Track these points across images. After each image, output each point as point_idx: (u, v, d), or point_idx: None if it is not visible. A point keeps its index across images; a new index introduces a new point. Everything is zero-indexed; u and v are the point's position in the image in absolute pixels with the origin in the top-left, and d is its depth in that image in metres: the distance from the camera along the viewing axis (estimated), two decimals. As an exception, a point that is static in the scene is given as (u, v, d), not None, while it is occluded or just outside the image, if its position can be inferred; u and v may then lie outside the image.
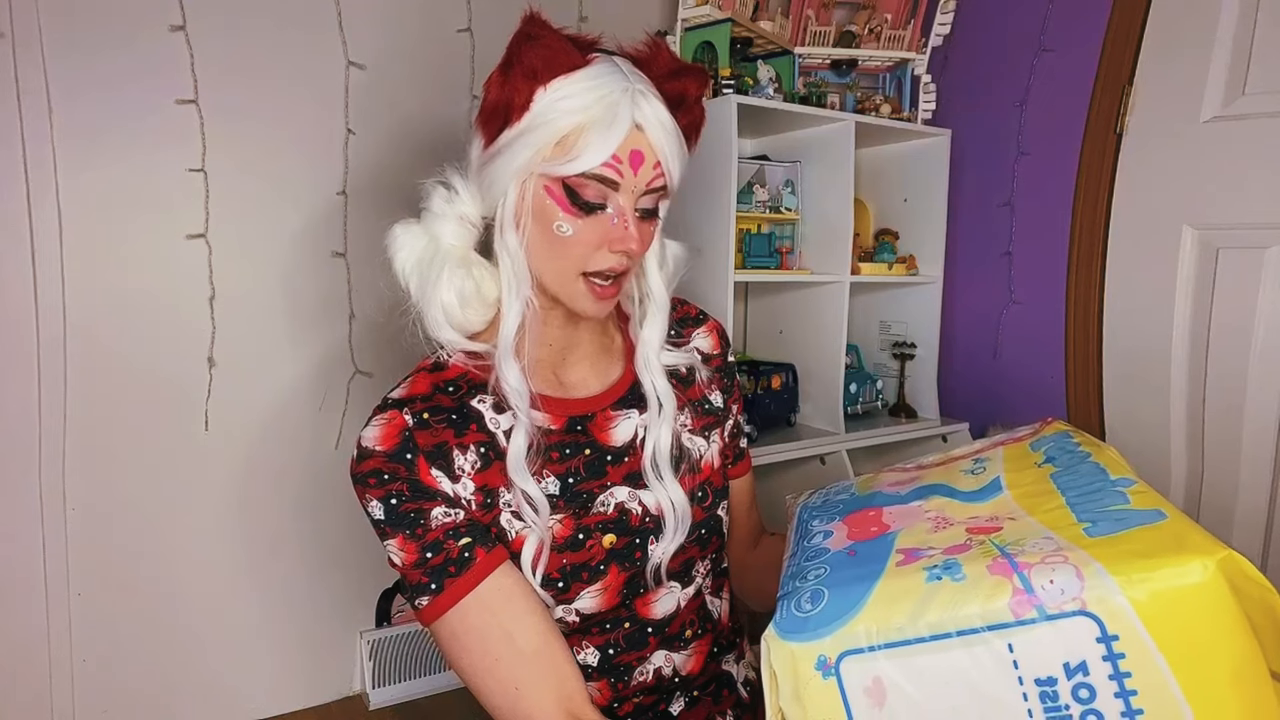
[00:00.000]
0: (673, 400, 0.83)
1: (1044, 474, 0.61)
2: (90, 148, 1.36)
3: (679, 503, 0.80)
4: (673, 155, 0.73)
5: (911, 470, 0.73)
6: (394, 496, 0.71)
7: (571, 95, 0.69)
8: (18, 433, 1.36)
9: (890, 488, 0.68)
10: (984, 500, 0.59)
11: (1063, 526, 0.51)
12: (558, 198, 0.72)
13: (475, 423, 0.76)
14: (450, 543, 0.71)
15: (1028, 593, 0.46)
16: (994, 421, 1.84)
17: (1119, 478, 0.57)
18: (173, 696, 1.51)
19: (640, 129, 0.71)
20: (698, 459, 0.85)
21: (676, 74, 0.75)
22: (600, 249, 0.73)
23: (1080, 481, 0.57)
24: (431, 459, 0.73)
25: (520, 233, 0.74)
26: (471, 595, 0.71)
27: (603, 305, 0.76)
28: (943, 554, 0.52)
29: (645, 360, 0.83)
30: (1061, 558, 0.47)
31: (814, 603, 0.52)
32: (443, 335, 0.77)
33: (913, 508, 0.62)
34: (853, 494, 0.71)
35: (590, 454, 0.79)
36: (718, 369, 0.92)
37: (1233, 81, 1.51)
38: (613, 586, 0.77)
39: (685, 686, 0.83)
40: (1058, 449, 0.64)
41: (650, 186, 0.73)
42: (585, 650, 0.79)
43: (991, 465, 0.65)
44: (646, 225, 0.75)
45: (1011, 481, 0.61)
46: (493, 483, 0.74)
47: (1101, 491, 0.55)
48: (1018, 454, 0.66)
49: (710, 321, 0.94)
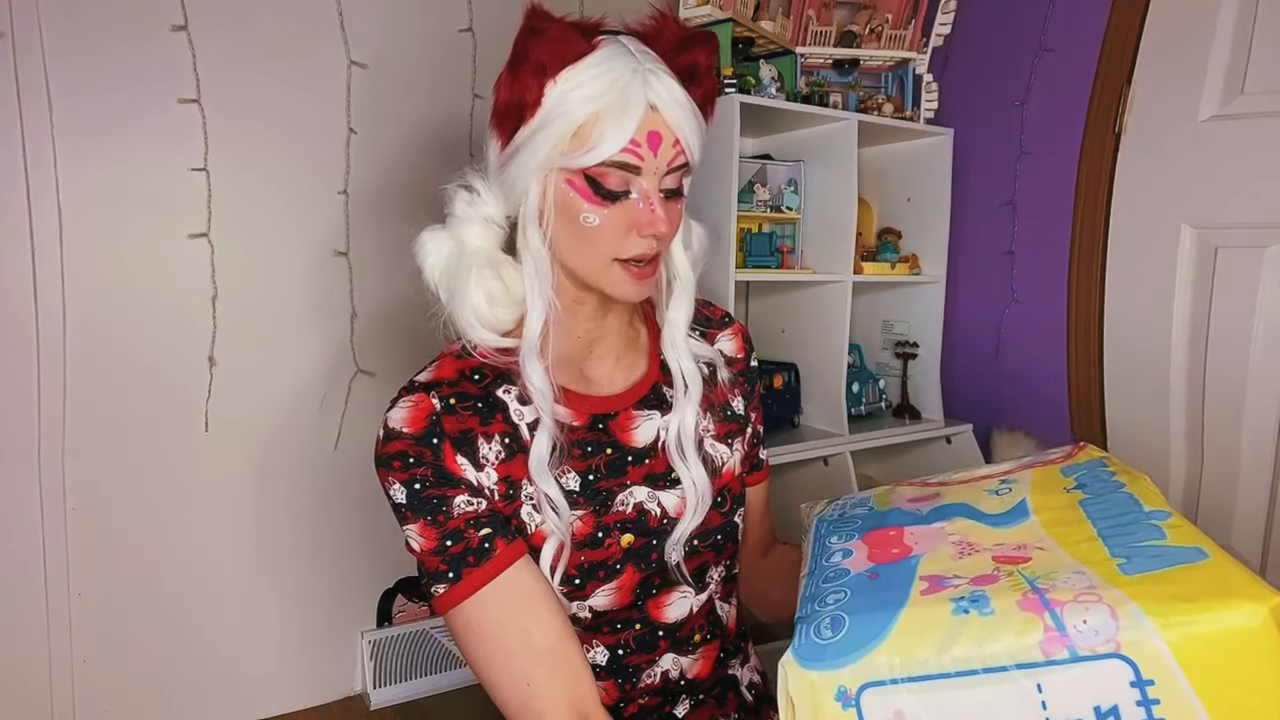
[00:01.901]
0: (699, 382, 0.82)
1: (1073, 500, 0.59)
2: (91, 147, 1.36)
3: (700, 482, 0.79)
4: (691, 131, 0.72)
5: (933, 485, 0.71)
6: (418, 481, 0.71)
7: (582, 84, 0.68)
8: (18, 432, 1.35)
9: (910, 504, 0.67)
10: (1010, 525, 0.58)
11: (1096, 561, 0.50)
12: (580, 189, 0.71)
13: (500, 412, 0.75)
14: (471, 532, 0.71)
15: (1060, 632, 0.45)
16: (998, 422, 1.84)
17: (1153, 509, 0.54)
18: (173, 696, 1.51)
19: (655, 109, 0.69)
20: (719, 465, 0.84)
21: (685, 44, 0.74)
22: (630, 235, 0.73)
23: (1112, 511, 0.56)
24: (457, 445, 0.72)
25: (543, 229, 0.74)
26: (489, 587, 0.70)
27: (641, 288, 0.76)
28: (969, 584, 0.51)
29: (671, 340, 0.82)
30: (1095, 596, 0.46)
31: (834, 630, 0.51)
32: (476, 335, 0.76)
33: (935, 529, 0.60)
34: (870, 509, 0.69)
35: (612, 453, 0.79)
36: (740, 373, 0.91)
37: (1231, 81, 1.52)
38: (627, 585, 0.77)
39: (691, 690, 0.83)
40: (1090, 475, 0.62)
41: (672, 165, 0.72)
42: (595, 649, 0.79)
43: (1018, 487, 0.63)
44: (673, 205, 0.75)
45: (1038, 505, 0.59)
46: (515, 474, 0.74)
47: (1135, 524, 0.53)
48: (1047, 478, 0.64)
49: (735, 325, 0.93)
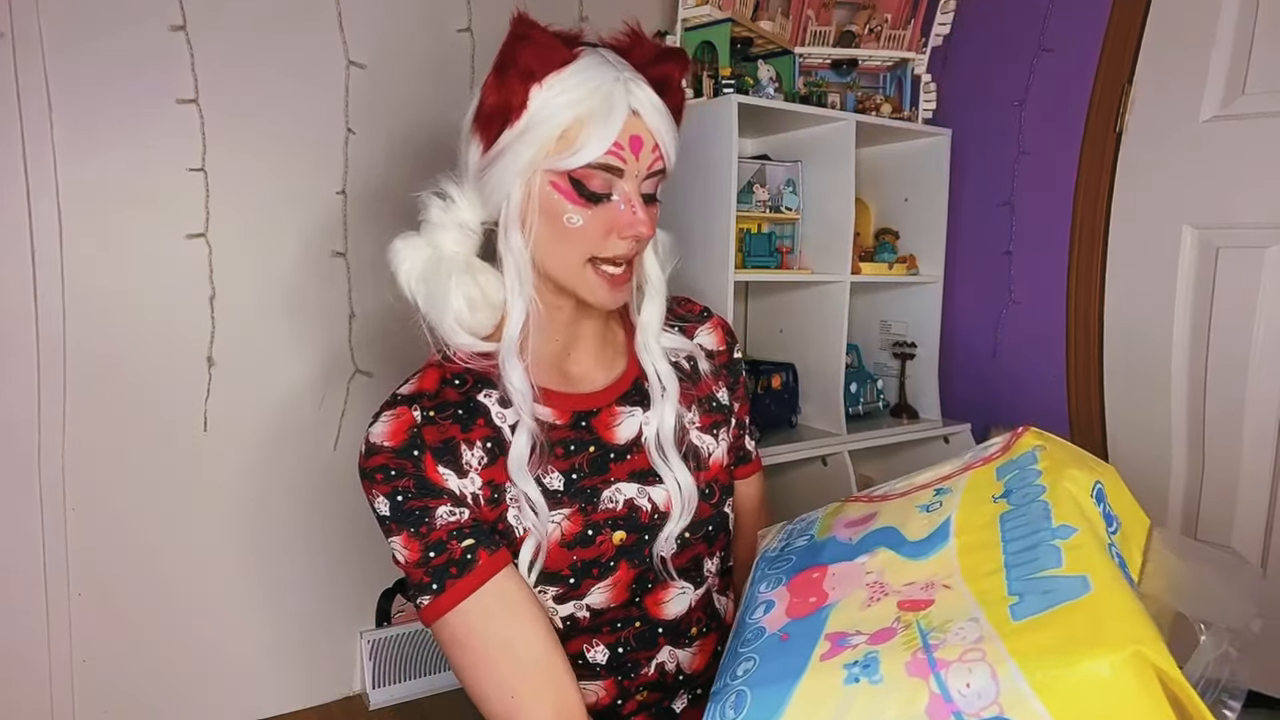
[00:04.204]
0: (675, 382, 0.83)
1: (995, 514, 0.58)
2: (90, 146, 1.36)
3: (685, 484, 0.80)
4: (669, 137, 0.75)
5: (876, 501, 0.71)
6: (400, 493, 0.72)
7: (567, 90, 0.71)
8: (18, 432, 1.36)
9: (846, 529, 0.67)
10: (926, 555, 0.58)
11: (992, 602, 0.50)
12: (565, 191, 0.73)
13: (482, 417, 0.76)
14: (454, 543, 0.71)
15: (945, 699, 0.46)
16: (995, 422, 1.84)
17: (1060, 524, 0.54)
18: (172, 696, 1.51)
19: (637, 114, 0.72)
20: (706, 456, 0.85)
21: (660, 59, 0.77)
22: (610, 236, 0.75)
23: (1023, 530, 0.55)
24: (439, 456, 0.73)
25: (525, 232, 0.75)
26: (473, 598, 0.71)
27: (616, 295, 0.77)
28: (866, 643, 0.52)
29: (644, 344, 0.84)
30: (979, 653, 0.47)
31: (737, 709, 0.53)
32: (457, 340, 0.77)
33: (856, 567, 0.61)
34: (810, 539, 0.69)
35: (594, 451, 0.79)
36: (724, 365, 0.92)
37: (1232, 81, 1.51)
38: (622, 581, 0.78)
39: (689, 684, 0.83)
40: (1019, 479, 0.61)
41: (651, 169, 0.75)
42: (595, 649, 0.79)
43: (949, 500, 0.63)
44: (651, 209, 0.77)
45: (961, 525, 0.59)
46: (499, 478, 0.75)
47: (1038, 547, 0.53)
48: (981, 482, 0.64)
49: (714, 318, 0.94)
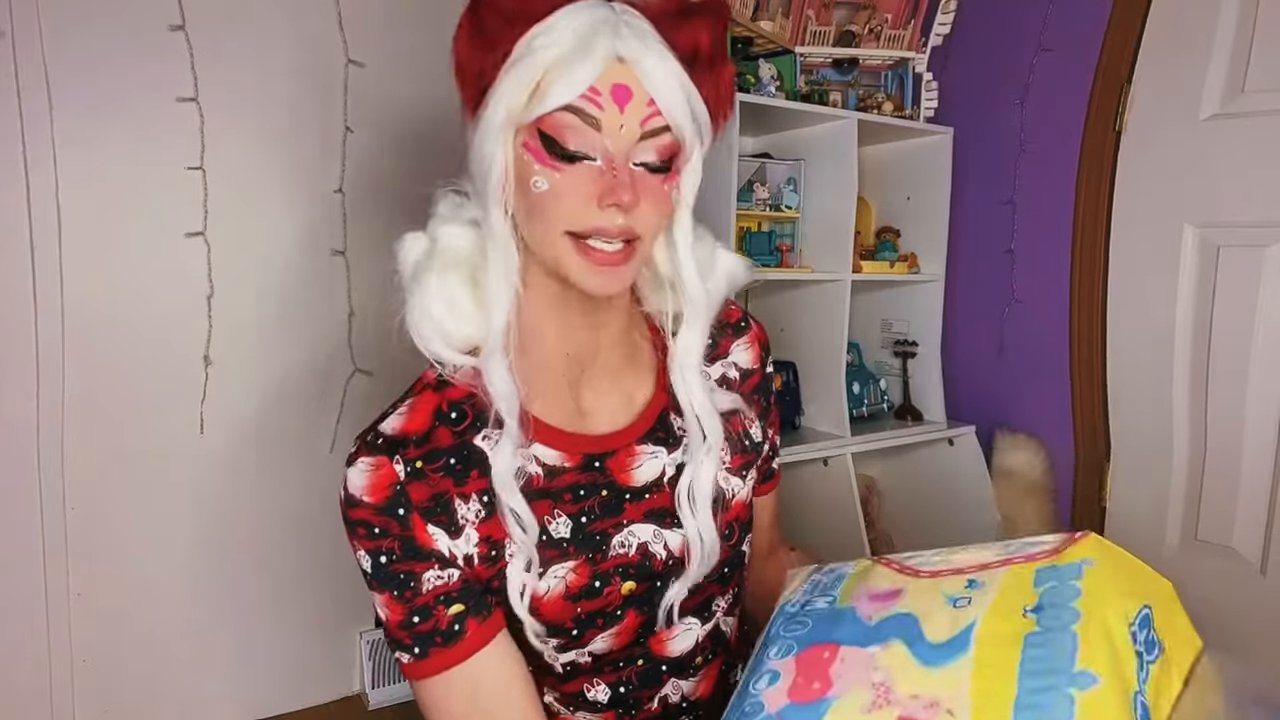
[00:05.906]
0: (719, 430, 0.71)
1: (1019, 633, 0.53)
2: (90, 146, 1.36)
3: (709, 539, 0.71)
4: (675, 99, 0.62)
5: (908, 573, 0.63)
6: (384, 554, 0.64)
7: (545, 33, 0.60)
8: (17, 432, 1.35)
9: (869, 604, 0.61)
10: (940, 665, 0.53)
11: None
12: (534, 150, 0.61)
13: (478, 468, 0.66)
14: (440, 609, 0.64)
15: None
16: (1001, 423, 1.83)
17: (1081, 670, 0.49)
18: (171, 696, 1.51)
19: (624, 62, 0.60)
20: (730, 498, 0.76)
21: (684, 13, 0.63)
22: (589, 204, 0.61)
23: (1043, 665, 0.50)
24: (428, 515, 0.65)
25: (504, 204, 0.64)
26: (458, 669, 0.65)
27: (607, 279, 0.63)
28: None
29: (681, 376, 0.72)
30: None
31: None
32: (433, 350, 0.67)
33: (867, 657, 0.56)
34: (832, 602, 0.63)
35: (607, 494, 0.70)
36: (756, 387, 0.81)
37: (1232, 79, 1.51)
38: (628, 629, 0.72)
39: (693, 710, 0.79)
40: (1056, 593, 0.55)
41: (646, 128, 0.62)
42: (596, 688, 0.74)
43: (980, 597, 0.57)
44: (651, 179, 0.63)
45: (984, 635, 0.54)
46: (498, 534, 0.67)
47: (1052, 691, 0.48)
48: (1017, 585, 0.57)
49: (754, 330, 0.82)
